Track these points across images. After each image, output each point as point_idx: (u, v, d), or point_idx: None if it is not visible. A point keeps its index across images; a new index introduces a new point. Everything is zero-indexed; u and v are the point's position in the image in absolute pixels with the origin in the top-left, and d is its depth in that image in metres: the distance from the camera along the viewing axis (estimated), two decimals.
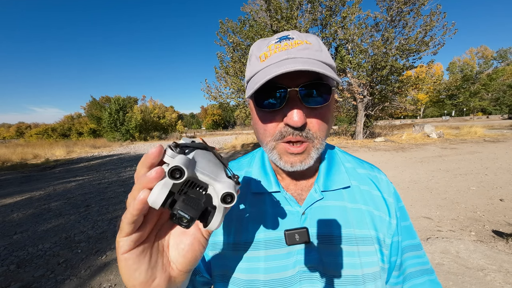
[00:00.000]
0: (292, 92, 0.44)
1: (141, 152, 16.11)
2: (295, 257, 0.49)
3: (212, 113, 74.65)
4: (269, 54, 0.47)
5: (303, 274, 0.48)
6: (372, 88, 14.43)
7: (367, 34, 13.19)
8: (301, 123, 0.43)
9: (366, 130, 15.89)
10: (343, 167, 0.59)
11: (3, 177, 8.71)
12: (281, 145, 0.47)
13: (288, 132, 0.45)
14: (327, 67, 0.45)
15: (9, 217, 4.43)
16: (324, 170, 0.57)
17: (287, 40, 0.48)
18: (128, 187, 6.27)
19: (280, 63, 0.44)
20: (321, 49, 0.48)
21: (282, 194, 0.54)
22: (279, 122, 0.46)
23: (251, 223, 0.53)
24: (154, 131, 34.81)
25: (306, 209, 0.52)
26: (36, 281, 2.54)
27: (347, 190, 0.55)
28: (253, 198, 0.56)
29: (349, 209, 0.53)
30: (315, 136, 0.46)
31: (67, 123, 43.89)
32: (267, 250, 0.50)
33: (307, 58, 0.44)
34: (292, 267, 0.49)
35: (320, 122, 0.47)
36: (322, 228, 0.51)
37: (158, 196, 0.26)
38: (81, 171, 9.42)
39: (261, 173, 0.58)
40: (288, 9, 11.65)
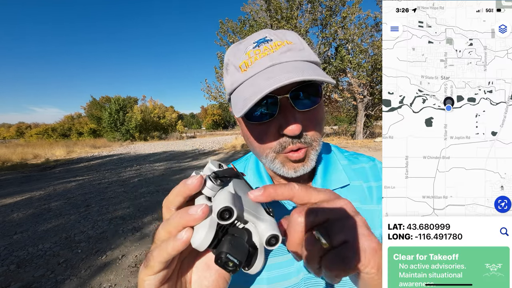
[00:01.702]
0: (283, 100, 0.42)
1: (141, 152, 16.12)
2: (297, 264, 0.48)
3: (212, 113, 74.67)
4: (249, 62, 0.44)
5: (307, 281, 0.47)
6: (372, 88, 14.44)
7: (367, 34, 13.21)
8: (298, 131, 0.42)
9: (366, 130, 15.90)
10: (340, 165, 0.57)
11: (3, 177, 8.72)
12: (282, 155, 0.46)
13: (288, 142, 0.44)
14: (314, 66, 0.44)
15: (9, 217, 4.43)
16: (321, 170, 0.56)
17: (265, 43, 0.45)
18: (128, 187, 6.27)
19: (266, 71, 0.42)
20: (303, 47, 0.46)
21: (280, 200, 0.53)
22: (274, 133, 0.44)
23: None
24: (154, 131, 34.83)
25: None
26: (36, 281, 2.54)
27: (346, 189, 0.55)
28: None
29: None
30: (313, 139, 0.46)
31: (67, 123, 43.92)
32: (268, 259, 0.48)
33: (294, 61, 0.43)
34: (296, 275, 0.47)
35: (314, 124, 0.46)
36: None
37: (205, 238, 0.24)
38: (81, 171, 9.42)
39: (256, 179, 0.56)
40: (288, 9, 11.65)
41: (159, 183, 6.61)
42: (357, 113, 15.15)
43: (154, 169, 8.93)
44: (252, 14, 12.73)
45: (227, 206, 0.24)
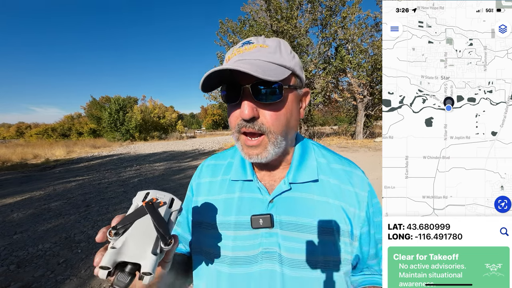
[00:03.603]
0: (245, 89, 0.50)
1: (141, 152, 16.13)
2: (259, 239, 0.56)
3: (212, 113, 74.66)
4: (231, 56, 0.54)
5: (264, 255, 0.55)
6: (372, 88, 14.44)
7: (367, 34, 13.21)
8: (248, 116, 0.49)
9: (366, 130, 15.90)
10: (315, 162, 0.63)
11: (3, 177, 8.72)
12: (242, 137, 0.54)
13: (242, 124, 0.52)
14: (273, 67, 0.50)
15: (9, 217, 4.43)
16: (295, 164, 0.61)
17: (247, 44, 0.54)
18: (128, 187, 6.27)
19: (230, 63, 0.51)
20: (275, 51, 0.53)
21: (254, 183, 0.60)
22: (237, 115, 0.53)
23: (226, 207, 0.60)
24: (154, 131, 34.81)
25: (275, 198, 0.58)
26: (36, 281, 2.54)
27: (316, 184, 0.60)
28: (231, 185, 0.62)
29: (315, 201, 0.58)
30: (269, 130, 0.52)
31: (67, 123, 43.90)
32: (236, 231, 0.57)
33: (254, 60, 0.51)
34: (256, 248, 0.55)
35: (273, 117, 0.51)
36: (286, 216, 0.56)
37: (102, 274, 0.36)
38: (81, 171, 9.42)
39: (240, 164, 0.64)
40: (288, 9, 11.65)
41: (159, 183, 6.61)
42: (357, 113, 15.15)
43: (154, 169, 8.93)
44: (252, 14, 12.73)
45: (105, 266, 0.35)
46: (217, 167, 0.69)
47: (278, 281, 0.53)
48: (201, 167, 0.72)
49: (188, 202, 0.69)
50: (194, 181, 0.70)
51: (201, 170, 0.71)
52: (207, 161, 0.73)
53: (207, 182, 0.67)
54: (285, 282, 0.53)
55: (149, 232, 0.39)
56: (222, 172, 0.67)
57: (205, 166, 0.72)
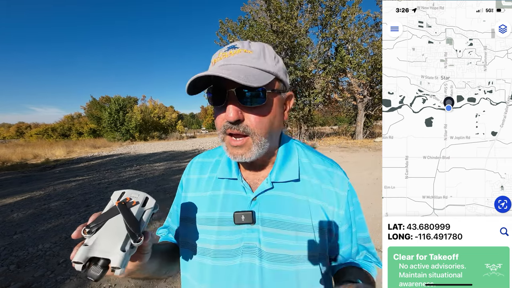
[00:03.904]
0: (230, 93, 0.52)
1: (141, 152, 16.13)
2: (241, 234, 0.59)
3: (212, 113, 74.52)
4: (216, 60, 0.56)
5: (245, 249, 0.58)
6: (372, 88, 14.44)
7: (367, 34, 13.22)
8: (233, 118, 0.51)
9: (366, 130, 15.91)
10: (297, 161, 0.65)
11: (3, 177, 8.72)
12: (227, 138, 0.56)
13: (227, 126, 0.54)
14: (259, 73, 0.53)
15: (9, 217, 4.43)
16: (278, 164, 0.64)
17: (233, 49, 0.56)
18: (128, 187, 6.27)
19: (215, 67, 0.53)
20: (259, 57, 0.55)
21: (238, 181, 0.63)
22: (223, 117, 0.55)
23: (211, 203, 0.64)
24: (154, 131, 34.81)
25: (257, 196, 0.61)
26: (36, 281, 2.54)
27: (297, 183, 0.63)
28: (217, 183, 0.66)
29: (296, 200, 0.61)
30: (254, 132, 0.54)
31: (67, 123, 43.90)
32: (219, 226, 0.60)
33: (239, 65, 0.53)
34: (237, 242, 0.59)
35: (257, 119, 0.54)
36: (267, 213, 0.60)
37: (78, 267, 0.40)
38: (81, 171, 9.42)
39: (226, 163, 0.67)
40: (288, 9, 11.65)
41: (159, 183, 6.61)
42: (357, 113, 15.15)
43: (154, 169, 8.93)
44: (252, 14, 12.73)
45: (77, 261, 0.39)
46: (205, 165, 0.72)
47: (257, 274, 0.57)
48: (191, 164, 0.75)
49: (178, 197, 0.73)
50: (184, 177, 0.73)
51: (191, 167, 0.74)
52: (197, 158, 0.76)
53: (196, 178, 0.70)
54: (263, 275, 0.57)
55: (120, 230, 0.43)
56: (209, 170, 0.70)
57: (194, 163, 0.74)
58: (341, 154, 9.69)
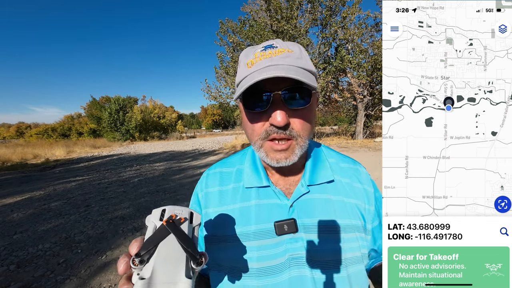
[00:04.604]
0: (276, 96, 0.49)
1: (141, 152, 16.13)
2: (284, 246, 0.55)
3: (212, 113, 74.67)
4: (255, 61, 0.52)
5: (292, 261, 0.54)
6: (372, 88, 14.44)
7: (367, 34, 13.21)
8: (283, 122, 0.48)
9: (366, 130, 15.91)
10: (327, 162, 0.64)
11: (3, 177, 8.71)
12: (267, 143, 0.53)
13: (273, 131, 0.50)
14: (306, 73, 0.51)
15: (9, 217, 4.43)
16: (310, 166, 0.62)
17: (271, 48, 0.53)
18: (128, 187, 6.27)
19: (264, 69, 0.49)
20: (301, 57, 0.53)
21: (271, 189, 0.59)
22: (265, 122, 0.51)
23: (243, 216, 0.58)
24: (154, 131, 34.81)
25: (294, 202, 0.57)
26: (36, 281, 2.54)
27: (331, 184, 0.61)
28: (245, 193, 0.60)
29: (333, 201, 0.59)
30: (298, 134, 0.52)
31: (67, 123, 43.89)
32: (259, 241, 0.55)
33: (288, 65, 0.49)
34: (282, 255, 0.54)
35: (302, 122, 0.52)
36: (308, 218, 0.56)
37: None
38: (81, 171, 9.42)
39: (252, 169, 0.63)
40: (288, 9, 11.65)
41: (159, 183, 6.61)
42: (357, 113, 15.15)
43: (154, 169, 8.93)
44: (252, 14, 12.72)
45: None
46: (226, 175, 0.65)
47: (310, 286, 0.52)
48: (207, 176, 0.67)
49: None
50: (200, 192, 0.65)
51: (208, 179, 0.66)
52: (212, 169, 0.69)
53: (216, 191, 0.63)
54: (317, 285, 0.52)
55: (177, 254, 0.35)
56: (233, 180, 0.64)
57: (212, 174, 0.67)
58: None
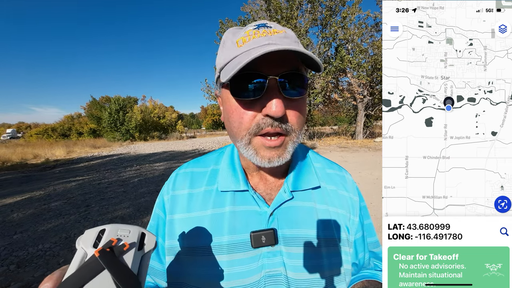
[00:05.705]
0: (272, 81, 0.41)
1: (141, 152, 16.13)
2: (261, 261, 0.47)
3: (212, 113, 74.65)
4: (247, 39, 0.43)
5: (268, 279, 0.46)
6: (372, 88, 14.44)
7: (367, 34, 13.21)
8: (281, 113, 0.41)
9: (366, 130, 15.91)
10: (313, 167, 0.57)
11: (3, 177, 8.71)
12: (257, 139, 0.44)
13: (267, 124, 0.42)
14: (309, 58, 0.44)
15: (9, 217, 4.43)
16: (294, 170, 0.54)
17: (265, 27, 0.45)
18: (128, 187, 6.27)
19: (262, 47, 0.40)
20: (298, 42, 0.46)
21: (250, 193, 0.51)
22: (256, 113, 0.43)
23: (215, 224, 0.49)
24: (154, 131, 34.81)
25: (275, 210, 0.50)
26: (36, 281, 2.54)
27: (317, 191, 0.54)
28: (219, 197, 0.52)
29: (318, 210, 0.52)
30: (293, 129, 0.45)
31: (67, 123, 43.92)
32: (230, 255, 0.47)
33: (289, 46, 0.41)
34: (257, 272, 0.46)
35: (298, 114, 0.45)
36: (290, 229, 0.49)
37: None
38: (81, 171, 9.42)
39: (229, 171, 0.54)
40: (288, 9, 11.65)
41: (159, 183, 6.61)
42: (357, 113, 15.15)
43: (154, 169, 8.93)
44: (252, 14, 12.73)
45: None
46: (198, 176, 0.56)
47: None
48: (175, 176, 0.57)
49: (159, 223, 0.54)
50: (166, 194, 0.55)
51: (176, 180, 0.56)
52: (183, 168, 0.59)
53: (185, 194, 0.53)
54: None
55: None
56: (205, 182, 0.54)
57: (181, 174, 0.57)
58: (341, 154, 9.69)
